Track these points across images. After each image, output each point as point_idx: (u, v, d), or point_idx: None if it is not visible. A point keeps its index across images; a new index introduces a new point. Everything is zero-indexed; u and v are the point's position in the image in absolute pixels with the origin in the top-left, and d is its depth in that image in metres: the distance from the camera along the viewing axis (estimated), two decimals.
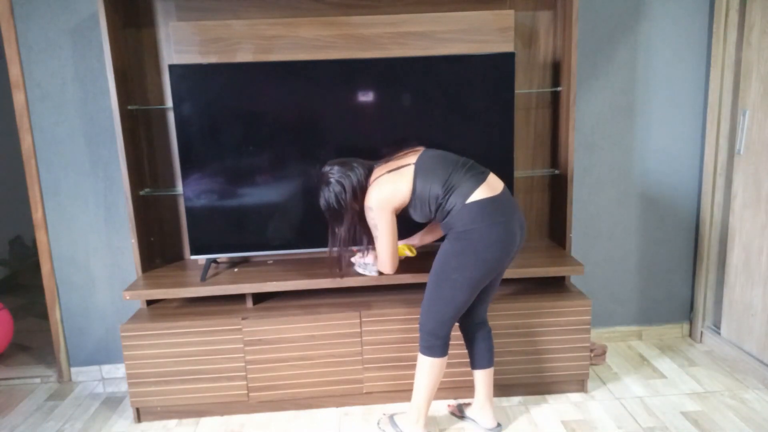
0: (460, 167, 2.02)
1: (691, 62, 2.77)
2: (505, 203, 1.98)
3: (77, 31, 2.54)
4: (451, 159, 2.06)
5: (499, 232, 1.93)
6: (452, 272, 1.97)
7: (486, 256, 1.94)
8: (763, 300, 2.56)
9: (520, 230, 2.01)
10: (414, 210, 2.05)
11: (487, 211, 1.93)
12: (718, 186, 2.80)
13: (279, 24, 2.45)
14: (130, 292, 2.35)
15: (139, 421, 2.43)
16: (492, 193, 1.96)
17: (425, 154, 2.08)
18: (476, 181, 1.97)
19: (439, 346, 2.05)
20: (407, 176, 2.01)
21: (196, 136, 2.39)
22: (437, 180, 1.98)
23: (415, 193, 2.00)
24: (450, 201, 1.97)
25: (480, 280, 1.98)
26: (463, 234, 1.95)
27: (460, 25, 2.47)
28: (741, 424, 2.25)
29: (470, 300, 2.02)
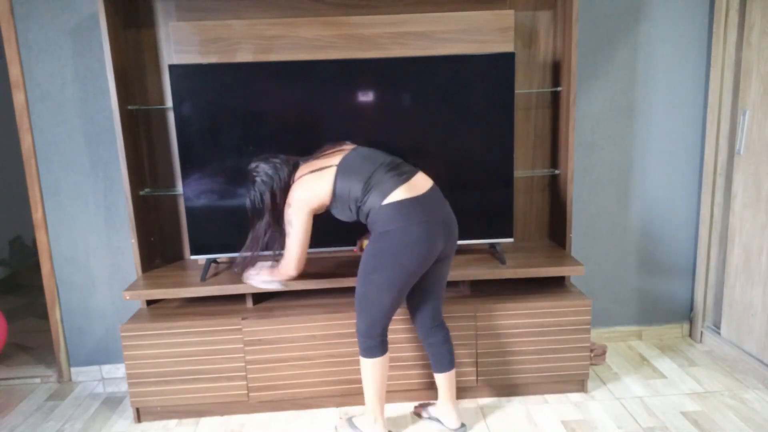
0: (382, 167, 2.01)
1: (691, 62, 2.77)
2: (426, 203, 1.96)
3: (77, 31, 2.54)
4: (376, 159, 2.04)
5: (418, 233, 1.92)
6: (372, 273, 1.97)
7: (404, 257, 1.93)
8: (763, 300, 2.56)
9: (444, 230, 1.99)
10: (336, 210, 2.05)
11: (403, 212, 1.92)
12: (718, 186, 2.80)
13: (279, 24, 2.45)
14: (130, 292, 2.35)
15: (139, 421, 2.43)
16: (412, 193, 1.95)
17: (352, 153, 2.06)
18: (396, 182, 1.96)
19: (374, 346, 2.06)
20: (328, 177, 2.00)
21: (196, 136, 2.39)
22: (357, 181, 1.98)
23: (335, 194, 2.00)
24: (368, 202, 1.96)
25: (402, 281, 1.96)
26: (381, 235, 1.94)
27: (460, 25, 2.47)
28: (741, 424, 2.25)
29: (398, 300, 2.01)
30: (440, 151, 2.47)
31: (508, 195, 2.51)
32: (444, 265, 2.11)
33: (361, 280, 2.01)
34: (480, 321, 2.37)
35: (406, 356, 2.38)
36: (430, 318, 2.17)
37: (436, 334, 2.18)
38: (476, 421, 2.34)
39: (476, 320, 2.37)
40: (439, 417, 2.28)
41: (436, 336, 2.18)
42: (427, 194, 1.99)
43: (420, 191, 1.98)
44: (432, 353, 2.19)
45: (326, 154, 2.09)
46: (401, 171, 2.01)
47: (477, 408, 2.43)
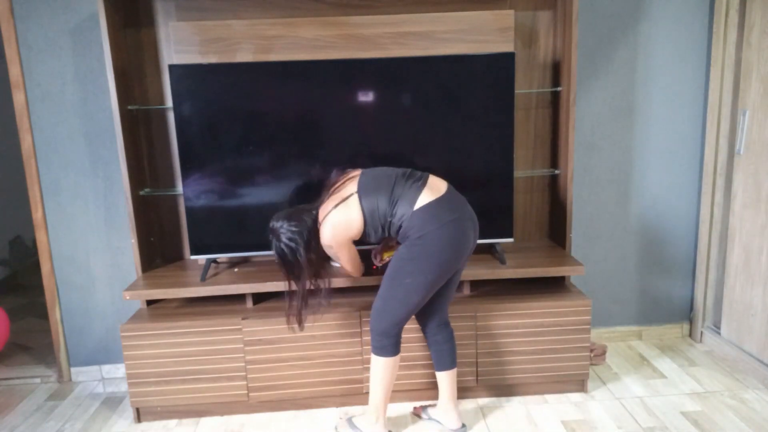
0: (400, 179, 2.04)
1: (691, 62, 2.77)
2: (451, 202, 2.01)
3: (77, 31, 2.54)
4: (389, 173, 2.08)
5: (452, 232, 1.96)
6: (406, 276, 1.99)
7: (441, 258, 1.96)
8: (763, 300, 2.56)
9: (472, 225, 2.04)
10: (369, 233, 2.06)
11: (434, 213, 1.95)
12: (718, 186, 2.80)
13: (279, 24, 2.45)
14: (130, 292, 2.35)
15: (139, 421, 2.43)
16: (436, 195, 1.99)
17: (363, 176, 2.08)
18: (418, 188, 2.00)
19: (390, 345, 2.07)
20: (354, 205, 2.01)
21: (196, 136, 2.39)
22: (382, 198, 2.01)
23: (365, 218, 2.01)
24: (398, 213, 1.99)
25: (435, 282, 2.00)
26: (417, 240, 1.96)
27: (460, 25, 2.47)
28: (741, 424, 2.25)
29: (424, 302, 2.04)
30: (440, 151, 2.47)
31: (508, 195, 2.51)
32: (462, 267, 2.13)
33: (390, 283, 2.02)
34: (480, 321, 2.37)
35: (412, 356, 2.38)
36: (438, 317, 2.18)
37: (441, 332, 2.19)
38: (476, 421, 2.34)
39: (476, 320, 2.37)
40: (439, 418, 2.28)
41: (441, 334, 2.19)
42: (448, 194, 2.03)
43: (441, 192, 2.02)
44: (435, 351, 2.20)
45: (339, 186, 2.10)
46: (417, 178, 2.06)
47: (477, 408, 2.43)
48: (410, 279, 1.98)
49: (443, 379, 2.21)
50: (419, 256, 1.96)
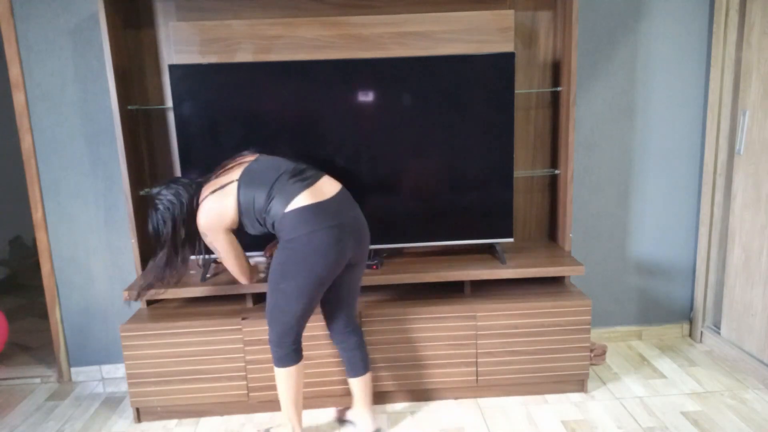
0: (285, 174, 1.97)
1: (691, 62, 2.77)
2: (331, 208, 1.93)
3: (77, 31, 2.54)
4: (278, 167, 2.00)
5: (322, 238, 1.88)
6: (281, 281, 1.93)
7: (312, 263, 1.89)
8: (763, 300, 2.56)
9: (354, 234, 1.96)
10: (246, 225, 2.01)
11: (306, 217, 1.88)
12: (718, 186, 2.80)
13: (279, 24, 2.45)
14: (130, 292, 2.35)
15: (139, 421, 2.43)
16: (316, 198, 1.92)
17: (252, 164, 2.02)
18: (299, 188, 1.93)
19: (287, 354, 2.01)
20: (231, 194, 1.96)
21: (196, 136, 2.40)
22: (260, 191, 1.95)
23: (240, 209, 1.97)
24: (272, 211, 1.93)
25: (312, 289, 1.93)
26: (287, 243, 1.91)
27: (460, 25, 2.47)
28: (741, 424, 2.25)
29: (309, 308, 1.98)
30: (440, 151, 2.47)
31: (508, 195, 2.51)
32: (356, 271, 2.08)
33: (270, 289, 1.97)
34: (480, 321, 2.37)
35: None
36: (343, 323, 2.15)
37: (348, 339, 2.16)
38: (476, 420, 2.34)
39: (476, 320, 2.37)
40: (354, 421, 2.26)
41: (349, 341, 2.16)
42: (334, 198, 1.96)
43: (325, 196, 1.95)
44: (345, 358, 2.17)
45: (226, 169, 2.05)
46: (304, 176, 1.97)
47: (477, 408, 2.43)
48: (284, 284, 1.92)
49: (355, 385, 2.19)
50: (288, 261, 1.90)
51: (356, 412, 2.24)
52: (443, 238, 2.54)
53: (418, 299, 2.45)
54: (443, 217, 2.52)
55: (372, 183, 2.47)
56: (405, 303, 2.41)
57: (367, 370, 2.19)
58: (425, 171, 2.49)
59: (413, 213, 2.51)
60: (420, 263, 2.54)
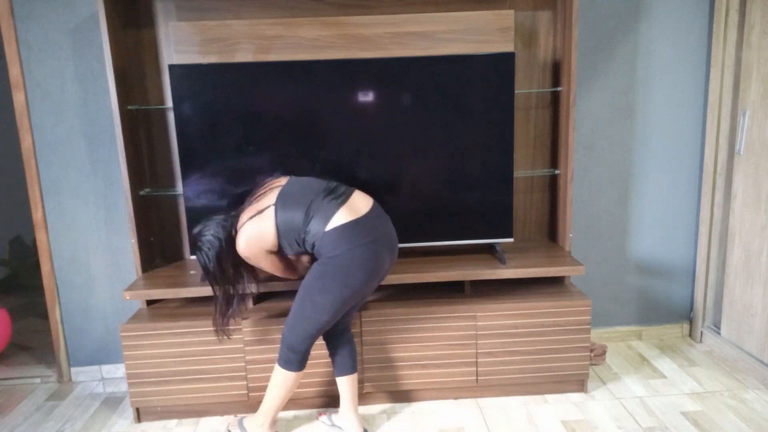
0: (319, 194, 2.01)
1: (691, 62, 2.77)
2: (367, 224, 1.97)
3: (77, 31, 2.54)
4: (312, 186, 2.05)
5: (364, 255, 1.94)
6: (317, 294, 1.97)
7: (352, 280, 1.95)
8: (763, 300, 2.56)
9: (388, 249, 2.02)
10: (284, 247, 2.03)
11: (347, 235, 1.93)
12: (718, 186, 2.80)
13: (279, 24, 2.45)
14: (130, 292, 2.35)
15: (139, 421, 2.43)
16: (353, 215, 1.96)
17: (286, 187, 2.05)
18: (335, 206, 1.97)
19: (296, 360, 2.05)
20: (269, 218, 1.99)
21: (196, 136, 2.40)
22: (298, 212, 1.98)
23: (279, 232, 1.99)
24: (312, 231, 1.96)
25: (345, 303, 1.99)
26: (329, 260, 1.95)
27: (460, 25, 2.47)
28: (741, 424, 2.25)
29: (335, 320, 2.03)
30: (440, 151, 2.47)
31: (508, 195, 2.51)
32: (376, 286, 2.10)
33: (302, 298, 2.01)
34: (480, 321, 2.37)
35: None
36: (341, 325, 2.17)
37: (341, 337, 2.18)
38: (476, 420, 2.34)
39: (476, 320, 2.37)
40: (341, 424, 2.26)
41: (341, 339, 2.17)
42: (369, 214, 2.01)
43: (361, 212, 1.99)
44: (335, 356, 2.18)
45: (259, 195, 2.07)
46: (338, 194, 2.02)
47: (477, 408, 2.43)
48: (320, 297, 1.96)
49: (343, 384, 2.19)
50: (330, 276, 1.95)
51: (343, 414, 2.24)
52: (443, 238, 2.54)
53: (418, 299, 2.45)
54: (443, 217, 2.52)
55: (372, 183, 2.47)
56: (405, 303, 2.41)
57: (355, 370, 2.20)
58: (425, 171, 2.49)
59: (413, 213, 2.51)
60: (420, 263, 2.54)
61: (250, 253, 2.03)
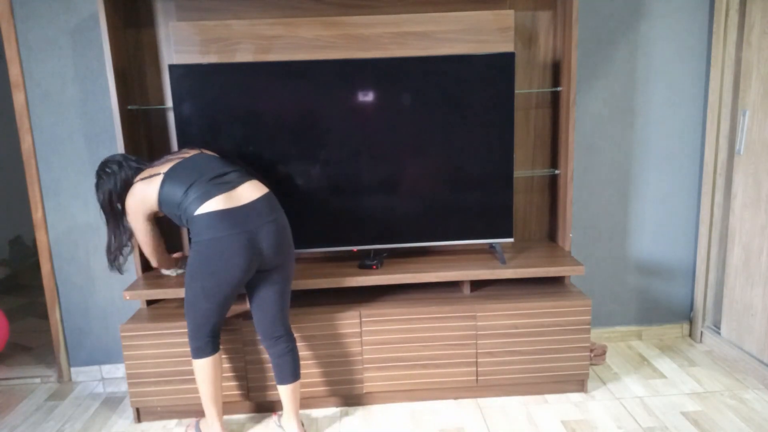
0: (206, 176, 2.01)
1: (691, 62, 2.77)
2: (240, 214, 1.95)
3: (77, 31, 2.54)
4: (204, 168, 2.05)
5: (230, 244, 1.92)
6: (191, 281, 2.00)
7: (215, 268, 1.94)
8: (763, 300, 2.56)
9: (262, 241, 1.98)
10: (169, 215, 2.09)
11: (212, 223, 1.93)
12: (718, 186, 2.80)
13: (279, 24, 2.45)
14: (130, 292, 2.35)
15: (139, 421, 2.43)
16: (230, 204, 1.95)
17: (183, 161, 2.08)
18: (214, 192, 1.96)
19: (201, 346, 2.07)
20: (155, 185, 2.04)
21: (196, 136, 2.39)
22: (179, 188, 2.00)
23: (160, 201, 2.04)
24: (187, 211, 1.98)
25: (217, 291, 1.98)
26: (195, 244, 1.97)
27: (460, 25, 2.48)
28: (741, 424, 2.25)
29: (221, 307, 2.03)
30: (440, 151, 2.47)
31: (508, 195, 2.51)
32: (276, 276, 2.08)
33: (186, 285, 2.03)
34: (480, 321, 2.37)
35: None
36: (269, 328, 2.14)
37: (276, 345, 2.14)
38: (476, 420, 2.34)
39: (476, 320, 2.37)
40: (285, 427, 2.25)
41: (277, 347, 2.14)
42: (248, 205, 1.98)
43: (239, 202, 1.97)
44: (274, 364, 2.17)
45: (165, 160, 2.12)
46: (225, 180, 2.01)
47: (477, 407, 2.43)
48: (195, 283, 1.99)
49: (283, 392, 2.18)
50: (194, 262, 1.97)
51: (285, 419, 2.23)
52: (443, 238, 2.54)
53: (418, 299, 2.45)
54: (443, 217, 2.52)
55: (372, 183, 2.47)
56: (405, 303, 2.41)
57: (296, 379, 2.17)
58: (425, 171, 2.49)
59: (413, 213, 2.51)
60: (420, 263, 2.54)
61: (130, 210, 2.11)
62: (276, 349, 2.15)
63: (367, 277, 2.39)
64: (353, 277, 2.39)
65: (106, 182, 2.14)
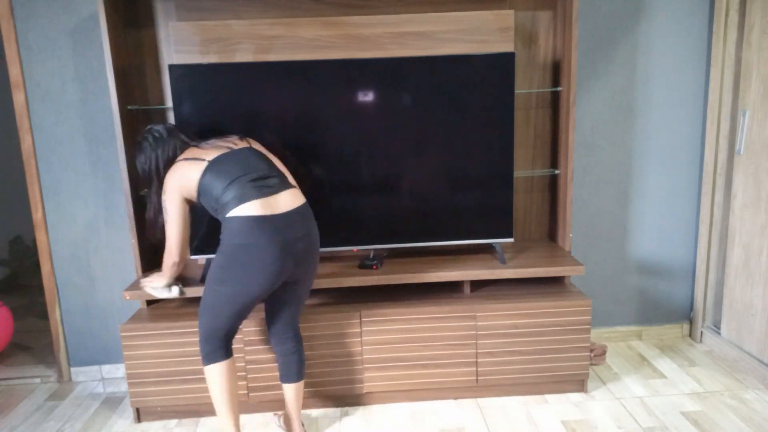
0: (249, 175, 1.92)
1: (691, 62, 2.77)
2: (278, 223, 1.88)
3: (77, 31, 2.54)
4: (248, 165, 1.96)
5: (261, 254, 1.85)
6: (213, 283, 1.92)
7: (246, 277, 1.87)
8: (763, 300, 2.56)
9: (296, 253, 1.92)
10: (205, 205, 1.99)
11: (248, 228, 1.85)
12: (718, 186, 2.80)
13: (279, 24, 2.45)
14: (130, 292, 2.35)
15: (139, 421, 2.43)
16: (267, 211, 1.87)
17: (229, 154, 1.99)
18: (253, 195, 1.88)
19: (213, 351, 1.99)
20: (198, 170, 1.95)
21: (196, 136, 2.39)
22: (220, 182, 1.92)
23: (200, 189, 1.95)
24: (224, 208, 1.90)
25: (243, 299, 1.91)
26: (226, 247, 1.89)
27: (460, 25, 2.47)
28: (741, 424, 2.25)
29: (237, 316, 1.96)
30: (440, 151, 2.47)
31: (508, 195, 2.51)
32: (298, 287, 2.06)
33: (207, 286, 1.96)
34: (480, 321, 2.37)
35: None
36: (282, 328, 2.13)
37: (286, 343, 2.14)
38: (476, 420, 2.34)
39: (476, 320, 2.37)
40: (285, 428, 2.25)
41: (286, 344, 2.14)
42: (286, 214, 1.91)
43: (277, 210, 1.90)
44: (280, 362, 2.16)
45: (211, 145, 2.04)
46: (266, 184, 1.93)
47: (477, 408, 2.43)
48: (222, 288, 1.91)
49: (287, 391, 2.17)
50: (224, 266, 1.89)
51: (286, 420, 2.22)
52: (443, 238, 2.54)
53: (418, 299, 2.45)
54: (443, 217, 2.52)
55: (372, 183, 2.47)
56: (405, 303, 2.41)
57: (300, 378, 2.16)
58: (425, 171, 2.49)
59: (413, 213, 2.51)
60: (420, 263, 2.54)
61: (168, 187, 1.99)
62: (283, 348, 2.14)
63: (367, 277, 2.39)
64: (353, 277, 2.39)
65: (154, 147, 2.03)
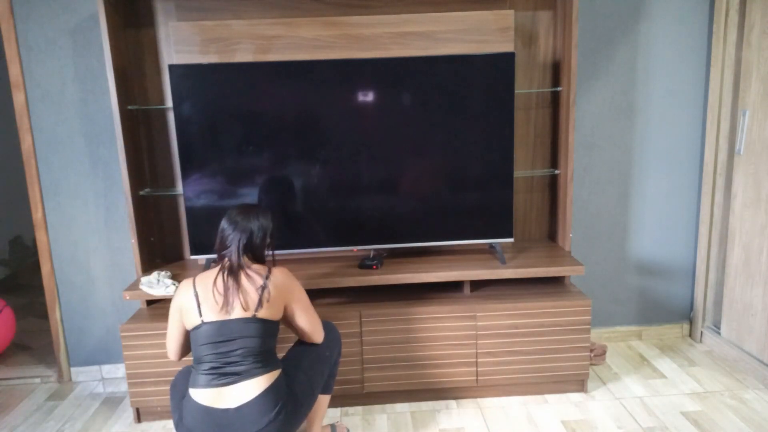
0: (215, 351, 1.76)
1: (691, 62, 2.77)
2: (222, 421, 1.72)
3: (77, 31, 2.54)
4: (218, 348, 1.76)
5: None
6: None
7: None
8: (763, 300, 2.56)
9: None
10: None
11: (194, 414, 1.75)
12: (718, 186, 2.80)
13: (279, 24, 2.45)
14: (130, 292, 2.35)
15: (139, 421, 2.43)
16: (214, 403, 1.73)
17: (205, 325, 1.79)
18: (206, 383, 1.75)
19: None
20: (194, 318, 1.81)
21: (196, 136, 2.39)
22: (194, 351, 1.81)
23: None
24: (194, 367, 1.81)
25: None
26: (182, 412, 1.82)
27: (460, 25, 2.47)
28: (741, 424, 2.25)
29: None
30: (440, 151, 2.47)
31: (508, 195, 2.51)
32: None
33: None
34: (480, 321, 2.37)
35: (406, 356, 2.39)
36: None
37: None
38: (476, 420, 2.34)
39: (476, 320, 2.37)
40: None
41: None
42: (234, 410, 1.73)
43: (226, 405, 1.74)
44: None
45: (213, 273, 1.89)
46: (226, 372, 1.76)
47: (477, 408, 2.43)
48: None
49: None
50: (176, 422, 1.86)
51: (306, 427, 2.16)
52: (443, 238, 2.54)
53: (418, 299, 2.45)
54: (443, 217, 2.52)
55: (372, 183, 2.47)
56: (405, 303, 2.41)
57: (328, 392, 2.09)
58: (425, 171, 2.50)
59: (413, 213, 2.51)
60: (420, 263, 2.54)
61: (172, 304, 1.88)
62: None
63: (367, 277, 2.39)
64: (353, 277, 2.39)
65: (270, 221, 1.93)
